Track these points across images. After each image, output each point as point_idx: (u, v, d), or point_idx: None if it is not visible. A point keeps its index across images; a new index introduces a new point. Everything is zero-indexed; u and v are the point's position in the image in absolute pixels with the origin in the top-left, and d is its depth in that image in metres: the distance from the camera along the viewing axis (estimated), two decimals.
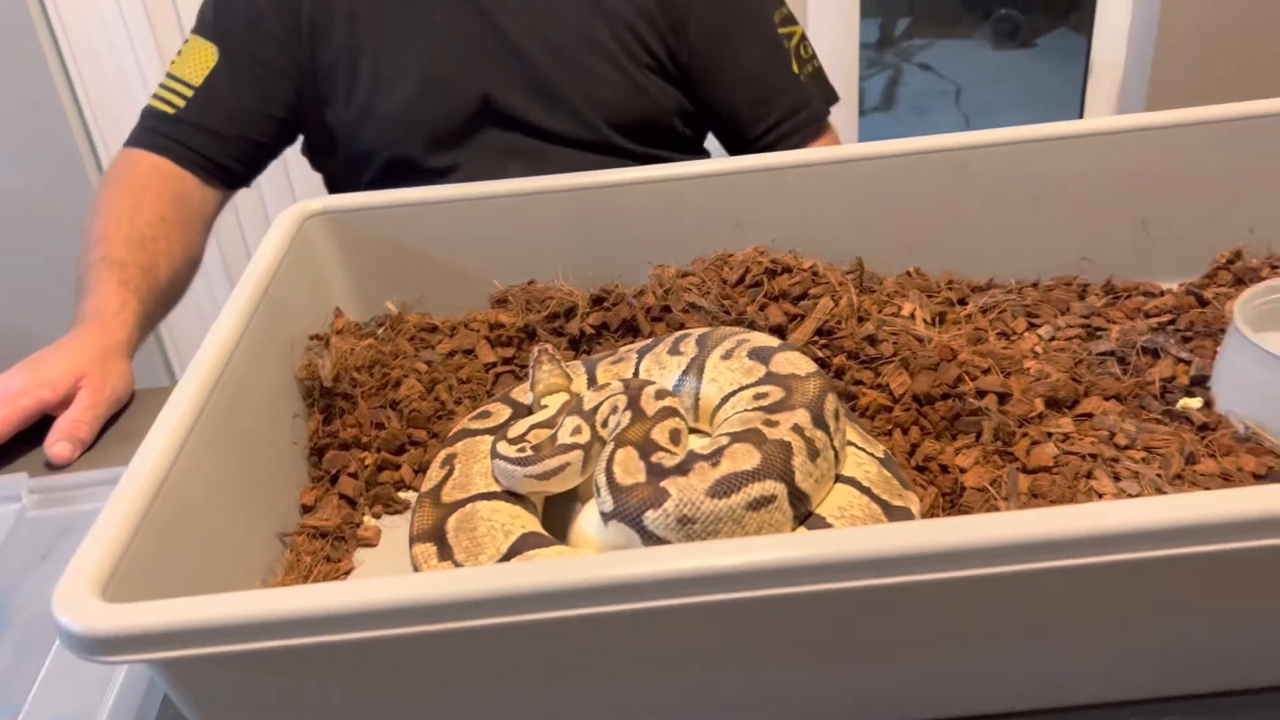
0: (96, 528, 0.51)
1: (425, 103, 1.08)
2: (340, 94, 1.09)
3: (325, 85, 1.10)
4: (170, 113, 1.07)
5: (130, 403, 0.91)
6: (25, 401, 0.85)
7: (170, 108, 1.07)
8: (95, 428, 0.86)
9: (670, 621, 0.49)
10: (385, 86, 1.08)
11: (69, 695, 0.61)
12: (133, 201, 1.02)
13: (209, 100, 1.07)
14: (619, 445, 0.61)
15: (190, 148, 1.07)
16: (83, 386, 0.86)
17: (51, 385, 0.85)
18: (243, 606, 0.45)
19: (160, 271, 1.00)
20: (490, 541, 0.59)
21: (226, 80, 1.07)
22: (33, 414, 0.85)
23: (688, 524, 0.55)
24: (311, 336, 0.79)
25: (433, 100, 1.08)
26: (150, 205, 1.03)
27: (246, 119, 1.09)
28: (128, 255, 0.97)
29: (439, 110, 1.09)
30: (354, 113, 1.09)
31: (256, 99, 1.09)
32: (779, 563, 0.45)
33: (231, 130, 1.08)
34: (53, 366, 0.86)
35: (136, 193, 1.03)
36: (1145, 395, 0.72)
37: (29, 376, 0.86)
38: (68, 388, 0.86)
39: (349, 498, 0.72)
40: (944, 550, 0.45)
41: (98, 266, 0.95)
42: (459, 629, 0.45)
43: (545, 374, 0.70)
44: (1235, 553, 0.46)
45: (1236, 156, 0.84)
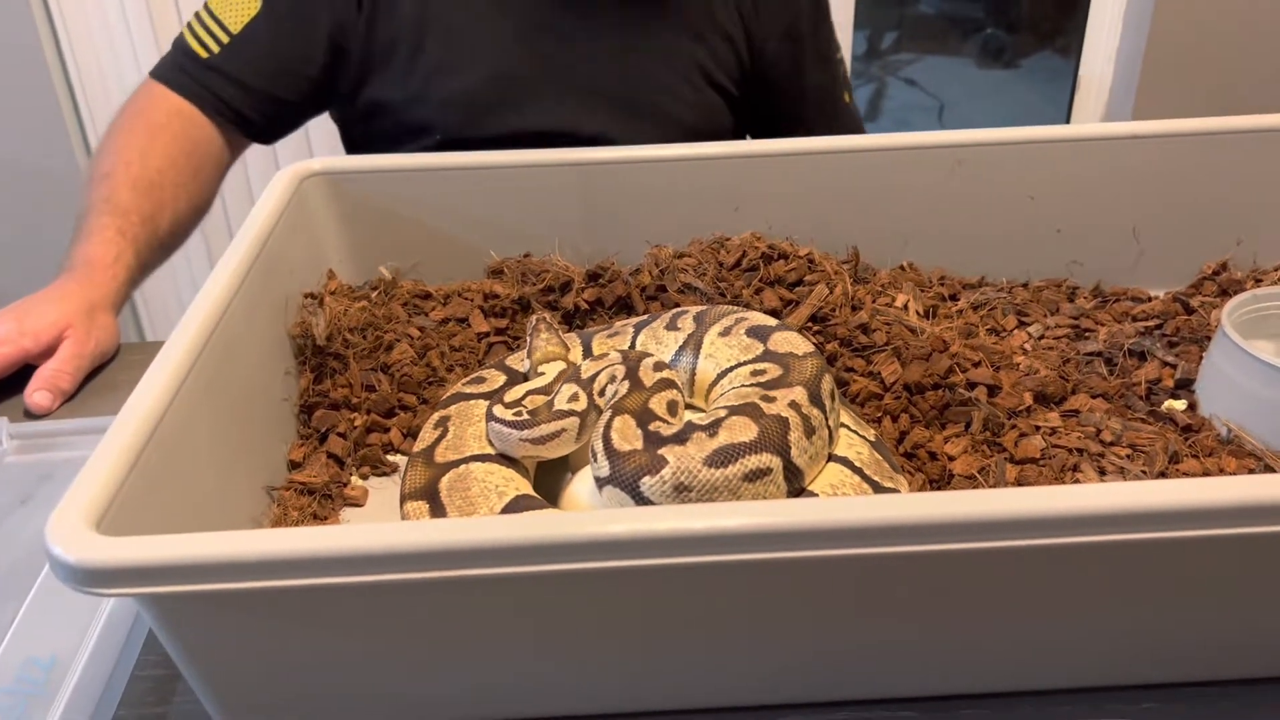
0: (90, 464, 0.51)
1: (492, 95, 1.05)
2: (398, 68, 1.06)
3: (380, 56, 1.06)
4: (203, 56, 1.03)
5: (114, 357, 0.90)
6: (7, 350, 0.83)
7: (204, 50, 1.04)
8: (77, 379, 0.85)
9: (662, 581, 0.49)
10: (451, 70, 1.05)
11: (48, 640, 0.60)
12: (146, 141, 1.00)
13: (244, 50, 1.04)
14: (617, 413, 0.61)
15: (217, 96, 1.04)
16: (67, 338, 0.85)
17: (35, 335, 0.84)
18: (235, 546, 0.45)
19: (162, 220, 0.98)
20: (484, 501, 0.59)
21: (265, 32, 1.04)
22: (14, 362, 0.84)
23: (684, 492, 0.56)
24: (306, 295, 0.79)
25: (501, 94, 1.06)
26: (163, 148, 1.00)
27: (279, 75, 1.05)
28: (131, 201, 0.95)
29: (507, 106, 1.06)
30: (411, 90, 1.06)
31: (293, 57, 1.05)
32: (768, 527, 0.46)
33: (261, 85, 1.05)
34: (38, 317, 0.85)
35: (152, 132, 1.01)
36: (1131, 395, 0.73)
37: (12, 325, 0.84)
38: (51, 339, 0.85)
39: (337, 457, 0.72)
40: (932, 522, 0.46)
41: (99, 209, 0.94)
42: (442, 578, 0.45)
43: (543, 342, 0.70)
44: (1214, 540, 0.47)
45: (1225, 169, 0.86)
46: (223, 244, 1.93)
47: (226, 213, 1.94)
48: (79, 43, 1.78)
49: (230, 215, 1.95)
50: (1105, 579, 0.51)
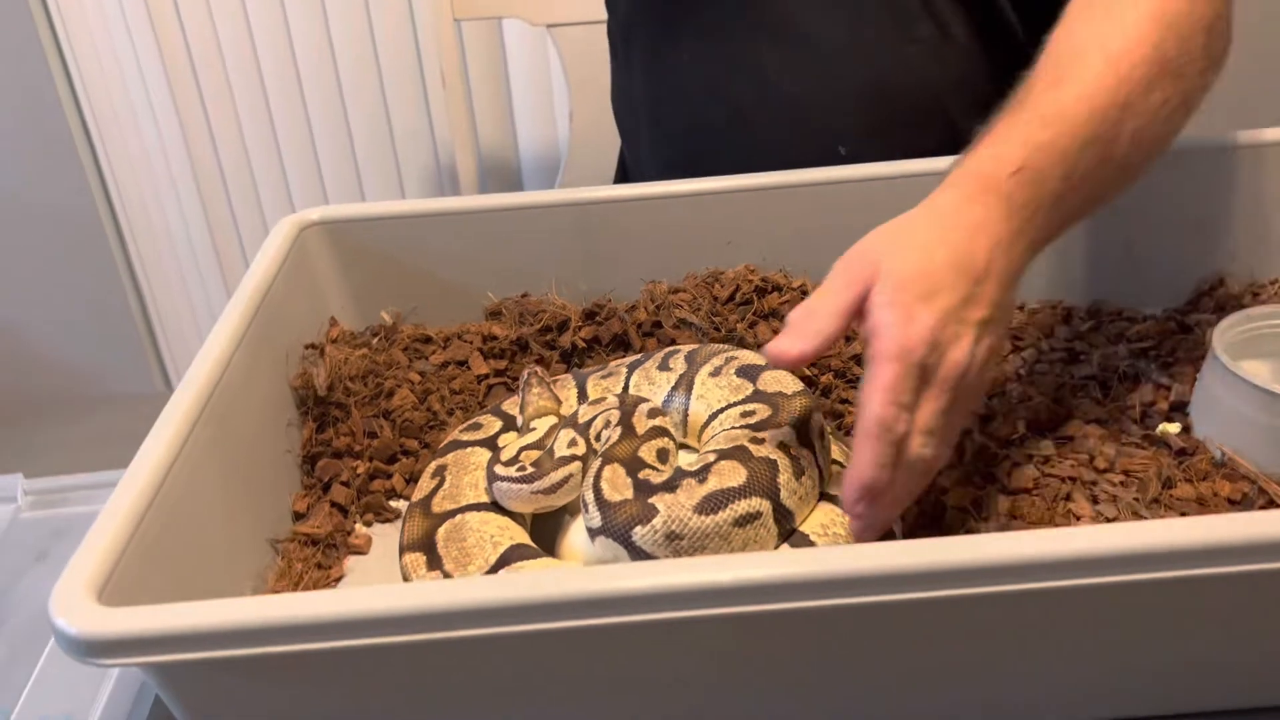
0: (93, 531, 0.52)
1: None
2: None
3: None
4: None
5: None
6: None
7: None
8: None
9: (657, 636, 0.50)
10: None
11: (61, 697, 0.62)
12: None
13: None
14: (606, 462, 0.62)
15: None
16: None
17: None
18: (235, 613, 0.47)
19: None
20: (479, 552, 0.60)
21: None
22: None
23: (675, 540, 0.57)
24: (307, 345, 0.80)
25: None
26: None
27: None
28: None
29: None
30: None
31: None
32: (767, 579, 0.46)
33: None
34: None
35: None
36: (1125, 419, 0.73)
37: None
38: None
39: (340, 506, 0.73)
40: (926, 570, 0.47)
41: None
42: (444, 639, 0.46)
43: (535, 397, 0.71)
44: (1205, 578, 0.47)
45: (1220, 184, 0.86)
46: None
47: (245, 257, 1.96)
48: (88, 69, 1.81)
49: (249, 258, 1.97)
50: (1090, 618, 0.51)
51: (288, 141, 1.83)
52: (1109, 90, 0.63)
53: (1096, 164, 0.62)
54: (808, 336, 0.56)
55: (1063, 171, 0.61)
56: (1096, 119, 0.62)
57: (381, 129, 1.82)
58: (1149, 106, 0.64)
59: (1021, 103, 0.64)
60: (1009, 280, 0.59)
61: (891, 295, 0.55)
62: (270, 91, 1.79)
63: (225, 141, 1.83)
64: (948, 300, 0.55)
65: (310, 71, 1.78)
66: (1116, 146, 0.63)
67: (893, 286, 0.55)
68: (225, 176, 1.86)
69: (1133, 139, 0.63)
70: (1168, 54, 0.64)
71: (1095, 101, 0.62)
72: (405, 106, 1.81)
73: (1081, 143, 0.61)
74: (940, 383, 0.55)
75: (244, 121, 1.82)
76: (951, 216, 0.59)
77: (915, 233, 0.58)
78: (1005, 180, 0.59)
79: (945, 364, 0.55)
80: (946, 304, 0.55)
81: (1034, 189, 0.60)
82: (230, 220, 1.90)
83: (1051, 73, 0.65)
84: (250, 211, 1.90)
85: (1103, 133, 0.62)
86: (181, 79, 1.79)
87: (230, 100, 1.80)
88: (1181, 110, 0.66)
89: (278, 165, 1.85)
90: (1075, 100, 0.62)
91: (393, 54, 1.77)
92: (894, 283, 0.55)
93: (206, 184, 1.87)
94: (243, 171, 1.86)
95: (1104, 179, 0.64)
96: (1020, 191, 0.60)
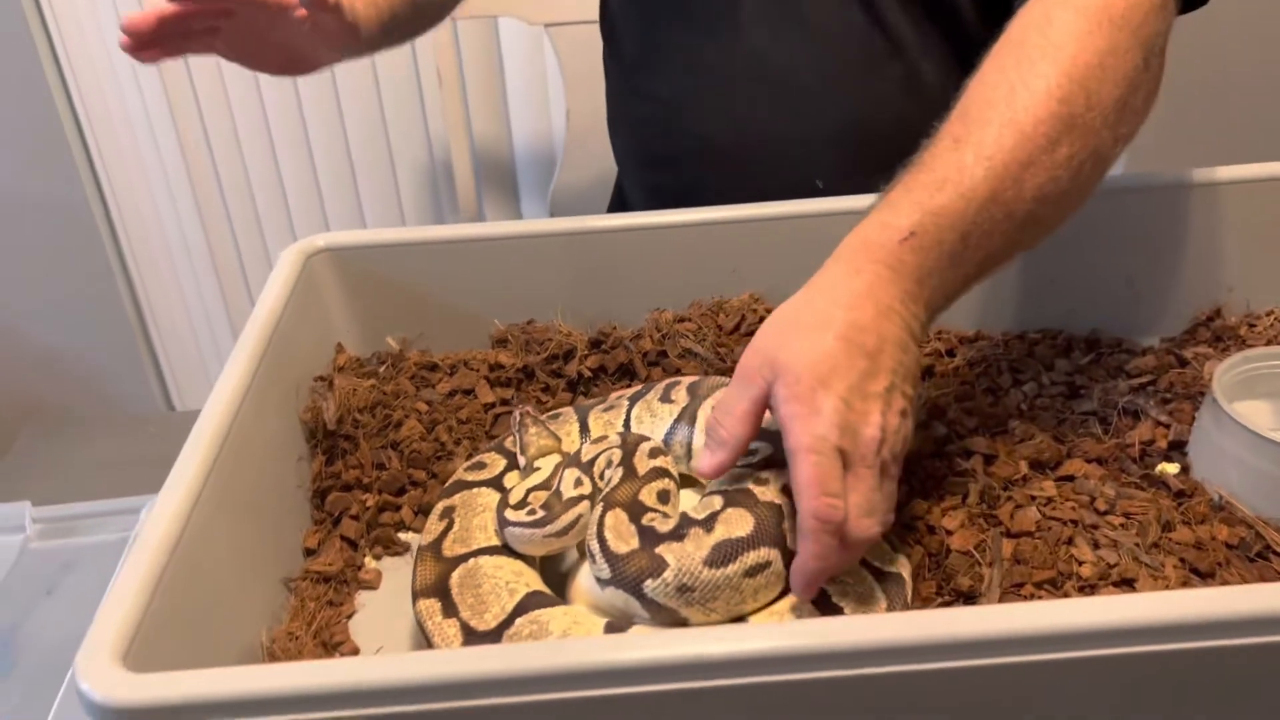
0: (114, 594, 0.53)
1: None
2: None
3: None
4: None
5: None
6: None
7: None
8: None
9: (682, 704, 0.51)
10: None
11: None
12: None
13: None
14: (608, 508, 0.62)
15: None
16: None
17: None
18: (267, 680, 0.47)
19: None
20: (495, 600, 0.61)
21: None
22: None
23: (687, 591, 0.57)
24: (316, 378, 0.80)
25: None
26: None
27: None
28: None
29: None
30: None
31: None
32: (787, 650, 0.48)
33: None
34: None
35: None
36: (1125, 458, 0.75)
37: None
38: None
39: (350, 540, 0.74)
40: (936, 642, 0.48)
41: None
42: (475, 707, 0.47)
43: (534, 437, 0.72)
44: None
45: (1216, 218, 0.87)
46: (243, 308, 1.97)
47: (247, 284, 1.96)
48: (81, 69, 1.79)
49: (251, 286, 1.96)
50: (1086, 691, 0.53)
51: (281, 138, 1.82)
52: (1010, 149, 0.63)
53: (1000, 220, 0.63)
54: (723, 445, 0.59)
55: (959, 233, 0.62)
56: (995, 178, 0.63)
57: (376, 125, 1.81)
58: (1054, 162, 0.64)
59: (921, 163, 0.65)
60: (905, 341, 0.60)
61: (790, 390, 0.56)
62: (264, 86, 1.78)
63: (218, 141, 1.82)
64: (845, 381, 0.56)
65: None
66: (1019, 203, 0.64)
67: (791, 380, 0.56)
68: (220, 180, 1.85)
69: (1037, 195, 0.64)
70: (1075, 110, 0.65)
71: (994, 161, 0.63)
72: (400, 102, 1.80)
73: (979, 203, 0.62)
74: (861, 461, 0.56)
75: (237, 119, 1.81)
76: (836, 292, 0.60)
77: (801, 318, 0.60)
78: (894, 248, 0.61)
79: (861, 443, 0.56)
80: (845, 386, 0.56)
81: (924, 254, 0.61)
82: (225, 218, 1.89)
83: (957, 128, 0.65)
84: (244, 209, 1.89)
85: (1002, 191, 0.63)
86: (175, 77, 1.77)
87: (225, 98, 1.78)
88: (1091, 164, 0.67)
89: (271, 162, 1.84)
90: (974, 161, 0.63)
91: (387, 53, 1.75)
92: (791, 377, 0.56)
93: (200, 182, 1.86)
94: (236, 171, 1.85)
95: (1010, 234, 0.64)
96: (911, 257, 0.61)
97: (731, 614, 0.59)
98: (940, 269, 0.62)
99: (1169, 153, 1.73)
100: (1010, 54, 0.67)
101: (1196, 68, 1.68)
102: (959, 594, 0.65)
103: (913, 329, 0.61)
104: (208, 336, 2.01)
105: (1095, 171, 0.68)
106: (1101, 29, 0.66)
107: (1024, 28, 0.68)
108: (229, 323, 1.99)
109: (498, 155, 1.83)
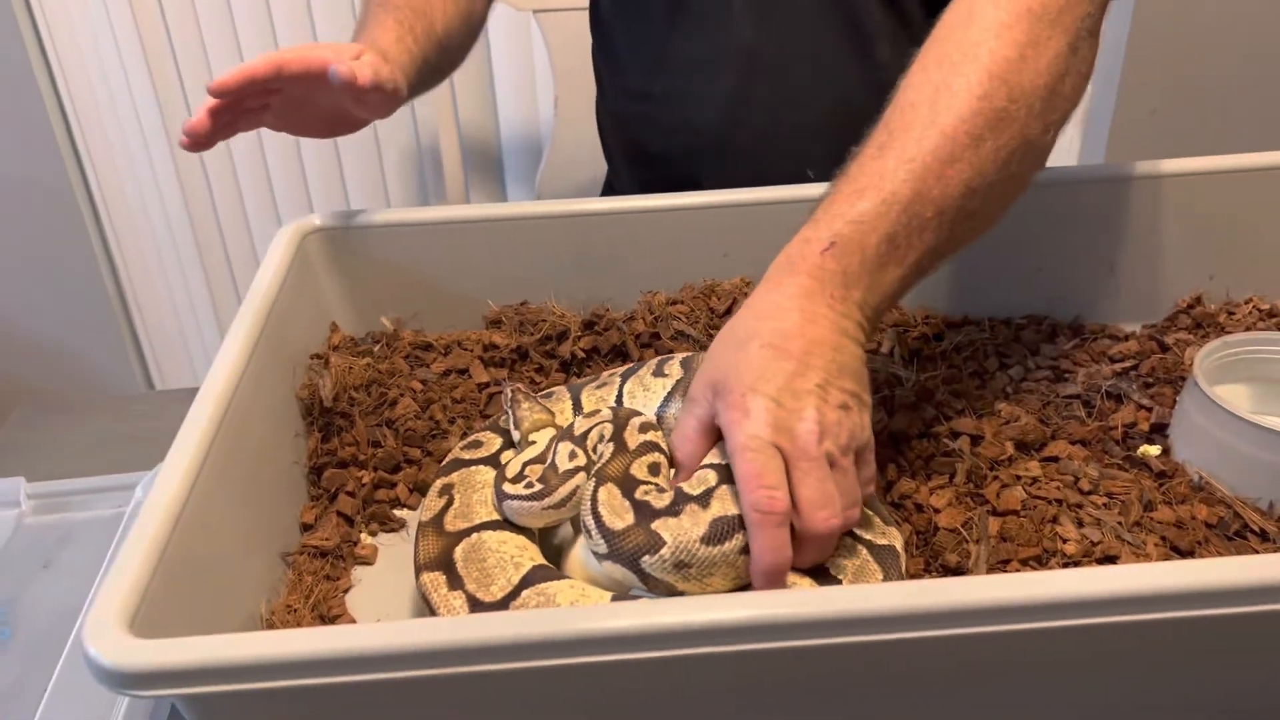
0: (120, 563, 0.53)
1: None
2: None
3: None
4: None
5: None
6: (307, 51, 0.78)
7: None
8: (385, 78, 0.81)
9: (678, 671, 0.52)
10: None
11: (78, 709, 0.63)
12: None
13: None
14: (600, 483, 0.63)
15: None
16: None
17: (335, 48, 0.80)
18: (272, 646, 0.48)
19: (435, 16, 0.95)
20: (501, 573, 0.62)
21: None
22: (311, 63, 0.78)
23: (684, 568, 0.58)
24: (313, 356, 0.81)
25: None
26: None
27: None
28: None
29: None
30: None
31: None
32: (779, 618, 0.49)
33: None
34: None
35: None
36: (1108, 440, 0.76)
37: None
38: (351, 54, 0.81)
39: (347, 516, 0.75)
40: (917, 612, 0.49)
41: (374, 12, 0.91)
42: (481, 672, 0.48)
43: (526, 412, 0.72)
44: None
45: (1197, 208, 0.89)
46: (226, 289, 1.97)
47: (231, 267, 1.95)
48: (66, 53, 1.78)
49: (234, 268, 1.96)
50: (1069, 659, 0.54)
51: None
52: (931, 149, 0.65)
53: (930, 218, 0.65)
54: (683, 468, 0.63)
55: (882, 235, 0.64)
56: (916, 178, 0.65)
57: None
58: (979, 157, 0.66)
59: (847, 174, 0.68)
60: (838, 342, 0.62)
61: (725, 400, 0.59)
62: None
63: None
64: (773, 384, 0.59)
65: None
66: (947, 200, 0.65)
67: (724, 392, 0.59)
68: (204, 159, 1.85)
69: (965, 190, 0.66)
70: (997, 104, 0.66)
71: (915, 163, 0.65)
72: None
73: (903, 205, 0.64)
74: (803, 455, 0.57)
75: None
76: (759, 308, 0.63)
77: (732, 337, 0.62)
78: (815, 259, 0.63)
79: (798, 438, 0.58)
80: (774, 387, 0.58)
81: (848, 259, 0.63)
82: (209, 201, 1.89)
83: (881, 135, 0.68)
84: (229, 193, 1.88)
85: (926, 190, 0.65)
86: (160, 61, 1.76)
87: (209, 76, 1.78)
88: (1021, 154, 0.68)
89: (257, 147, 1.84)
90: (895, 165, 0.65)
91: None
92: (724, 389, 0.60)
93: (184, 165, 1.85)
94: (221, 154, 1.84)
95: (944, 229, 0.66)
96: (834, 263, 0.63)
97: (727, 588, 0.60)
98: (868, 271, 0.64)
99: (1152, 144, 1.76)
100: (933, 53, 0.69)
101: (1179, 62, 1.71)
102: (947, 569, 0.67)
103: (846, 329, 0.63)
104: (190, 317, 2.01)
105: (1027, 161, 0.70)
106: (1020, 21, 0.68)
107: (949, 25, 0.70)
108: (211, 304, 1.99)
109: (484, 142, 1.83)
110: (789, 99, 1.02)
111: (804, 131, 1.03)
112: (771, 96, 1.02)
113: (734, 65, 1.01)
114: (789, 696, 0.55)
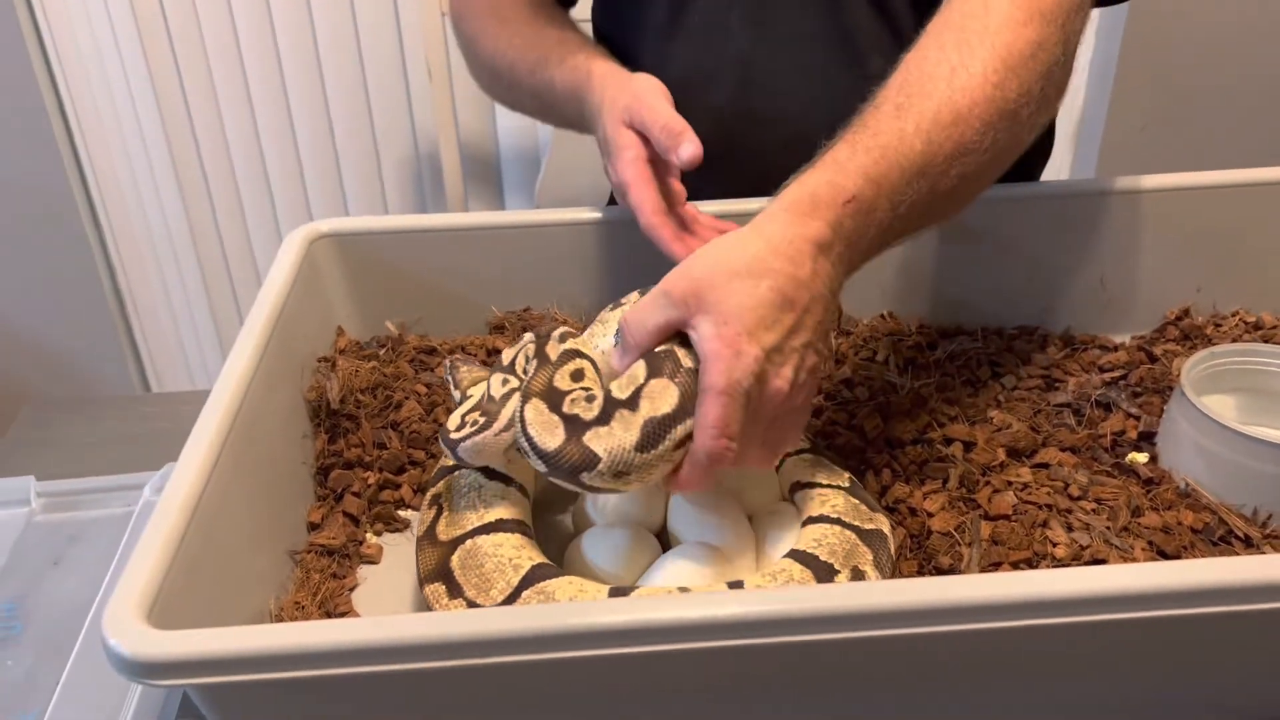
0: (138, 554, 0.55)
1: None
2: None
3: None
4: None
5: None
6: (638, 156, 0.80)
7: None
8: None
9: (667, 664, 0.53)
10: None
11: (90, 703, 0.64)
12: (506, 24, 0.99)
13: None
14: (525, 399, 0.62)
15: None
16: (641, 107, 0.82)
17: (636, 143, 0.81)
18: (286, 638, 0.50)
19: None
20: (499, 576, 0.63)
21: None
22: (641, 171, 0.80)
23: (622, 475, 0.59)
24: (320, 359, 0.83)
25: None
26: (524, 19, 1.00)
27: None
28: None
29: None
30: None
31: None
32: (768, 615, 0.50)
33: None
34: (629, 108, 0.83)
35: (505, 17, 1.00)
36: (1097, 447, 0.78)
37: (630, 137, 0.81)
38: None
39: (352, 516, 0.76)
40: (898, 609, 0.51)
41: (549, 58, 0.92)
42: (480, 665, 0.50)
43: (466, 374, 0.73)
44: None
45: (1186, 221, 0.91)
46: (224, 294, 1.98)
47: (229, 272, 1.96)
48: (67, 57, 1.79)
49: (233, 273, 1.97)
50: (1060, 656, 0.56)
51: (267, 128, 1.83)
52: (945, 126, 0.66)
53: (924, 193, 0.66)
54: (629, 351, 0.62)
55: (891, 203, 0.64)
56: (929, 154, 0.65)
57: (362, 118, 1.83)
58: (981, 145, 0.67)
59: (865, 124, 0.67)
60: (828, 300, 0.62)
61: (718, 329, 0.57)
62: (251, 79, 1.79)
63: (205, 131, 1.83)
64: (774, 336, 0.58)
65: (291, 59, 1.78)
66: (944, 180, 0.66)
67: (719, 320, 0.57)
68: (204, 165, 1.86)
69: (961, 173, 0.67)
70: (1008, 95, 0.67)
71: (931, 136, 0.65)
72: (386, 97, 1.81)
73: (911, 176, 0.65)
74: (764, 406, 0.59)
75: (224, 111, 1.82)
76: (780, 244, 0.60)
77: (740, 260, 0.59)
78: (838, 209, 0.62)
79: (767, 391, 0.59)
80: (773, 339, 0.58)
81: (863, 218, 0.63)
82: (209, 207, 1.90)
83: (899, 95, 0.67)
84: (228, 198, 1.89)
85: (933, 168, 0.65)
86: (161, 65, 1.78)
87: (211, 89, 1.80)
88: (1010, 149, 0.70)
89: (257, 153, 1.85)
90: (914, 132, 0.65)
91: (375, 45, 1.77)
92: (719, 317, 0.58)
93: (185, 171, 1.87)
94: (221, 160, 1.86)
95: (929, 209, 0.67)
96: (850, 221, 0.62)
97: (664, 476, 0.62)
98: (869, 235, 0.64)
99: (1143, 159, 1.78)
100: (950, 35, 0.69)
101: (1169, 79, 1.73)
102: (939, 571, 0.69)
103: (834, 288, 0.63)
104: (187, 321, 2.02)
105: (1008, 157, 0.71)
106: (1034, 20, 0.69)
107: (964, 14, 0.70)
108: (209, 308, 2.00)
109: (483, 150, 1.85)
110: (783, 111, 1.04)
111: (798, 143, 1.05)
112: (767, 108, 1.04)
113: (730, 78, 1.03)
114: (783, 691, 0.56)
